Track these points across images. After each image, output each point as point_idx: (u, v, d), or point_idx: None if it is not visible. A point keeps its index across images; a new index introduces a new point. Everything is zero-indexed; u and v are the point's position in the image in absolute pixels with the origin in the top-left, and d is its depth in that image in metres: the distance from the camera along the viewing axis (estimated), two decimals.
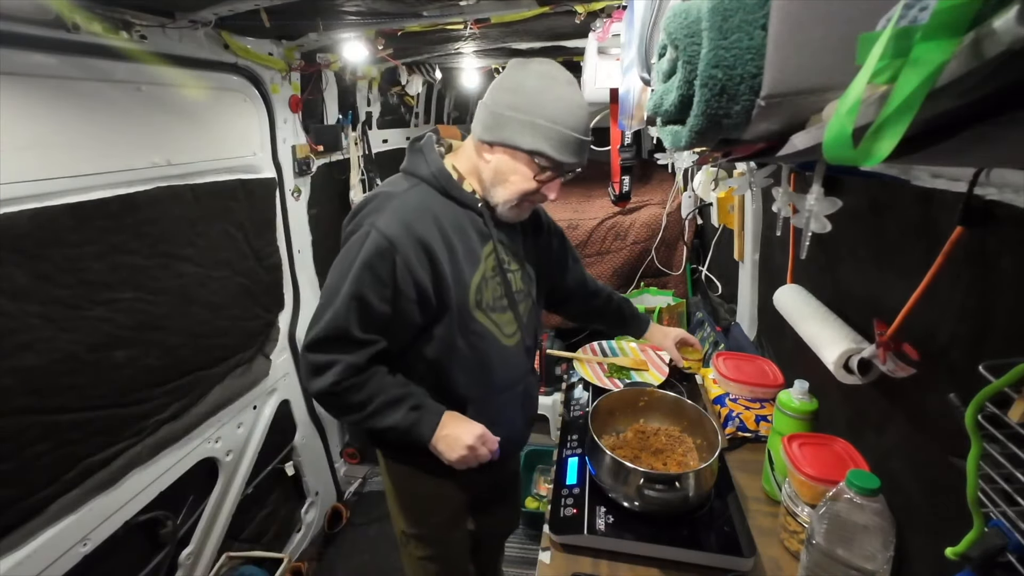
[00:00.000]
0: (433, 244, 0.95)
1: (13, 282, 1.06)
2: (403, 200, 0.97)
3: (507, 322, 1.08)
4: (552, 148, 0.95)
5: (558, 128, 0.94)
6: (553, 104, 0.94)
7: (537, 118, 0.93)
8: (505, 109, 0.95)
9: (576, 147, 0.97)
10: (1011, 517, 0.45)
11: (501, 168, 0.98)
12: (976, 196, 0.59)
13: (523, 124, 0.94)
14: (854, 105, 0.25)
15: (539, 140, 0.94)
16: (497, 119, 0.95)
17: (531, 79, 0.95)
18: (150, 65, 1.29)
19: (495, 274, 1.05)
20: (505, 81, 0.97)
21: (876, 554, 0.71)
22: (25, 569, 1.08)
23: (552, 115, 0.94)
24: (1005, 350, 0.60)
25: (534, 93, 0.94)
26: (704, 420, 1.10)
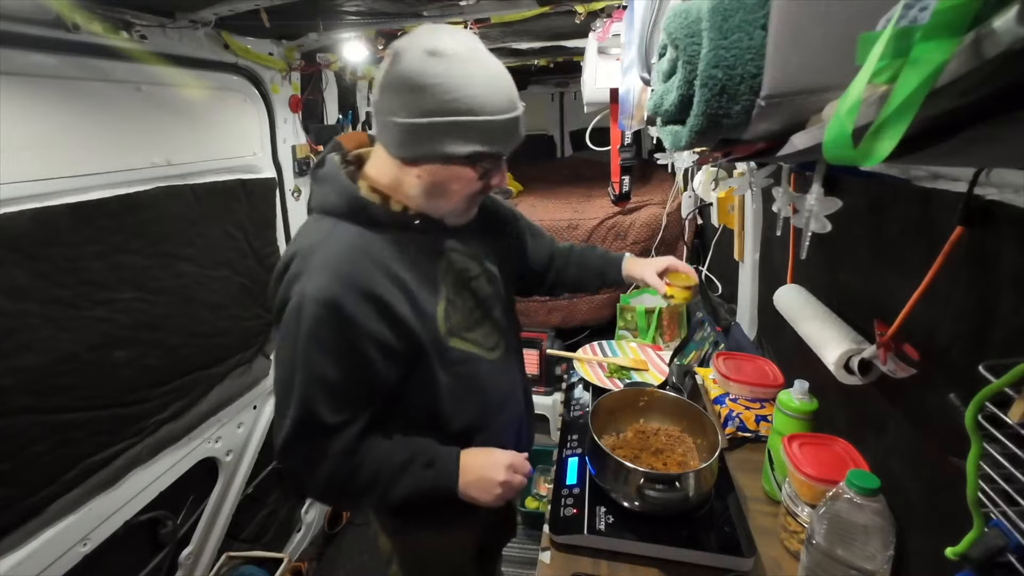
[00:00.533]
0: (379, 290, 0.81)
1: (13, 282, 1.06)
2: (326, 251, 0.81)
3: (486, 335, 0.98)
4: (489, 143, 0.80)
5: (487, 118, 0.77)
6: (469, 90, 0.76)
7: (459, 116, 0.76)
8: (416, 117, 0.77)
9: (513, 126, 0.82)
10: (1011, 517, 0.45)
11: (436, 182, 0.83)
12: (976, 196, 0.59)
13: (445, 130, 0.77)
14: (854, 105, 0.25)
15: (471, 142, 0.78)
16: (411, 133, 0.78)
17: (429, 68, 0.75)
18: (150, 65, 1.29)
19: (459, 290, 0.93)
20: (399, 79, 0.77)
21: (876, 554, 0.71)
22: (25, 569, 1.08)
23: (474, 104, 0.76)
24: (1005, 350, 0.60)
25: (441, 86, 0.75)
26: (704, 420, 1.10)
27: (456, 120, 0.77)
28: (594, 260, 1.26)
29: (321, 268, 0.79)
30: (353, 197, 0.85)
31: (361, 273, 0.80)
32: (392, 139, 0.81)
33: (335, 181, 0.86)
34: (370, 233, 0.85)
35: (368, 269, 0.81)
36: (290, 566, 1.76)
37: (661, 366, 1.60)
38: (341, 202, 0.85)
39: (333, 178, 0.87)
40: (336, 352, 0.79)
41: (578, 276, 1.26)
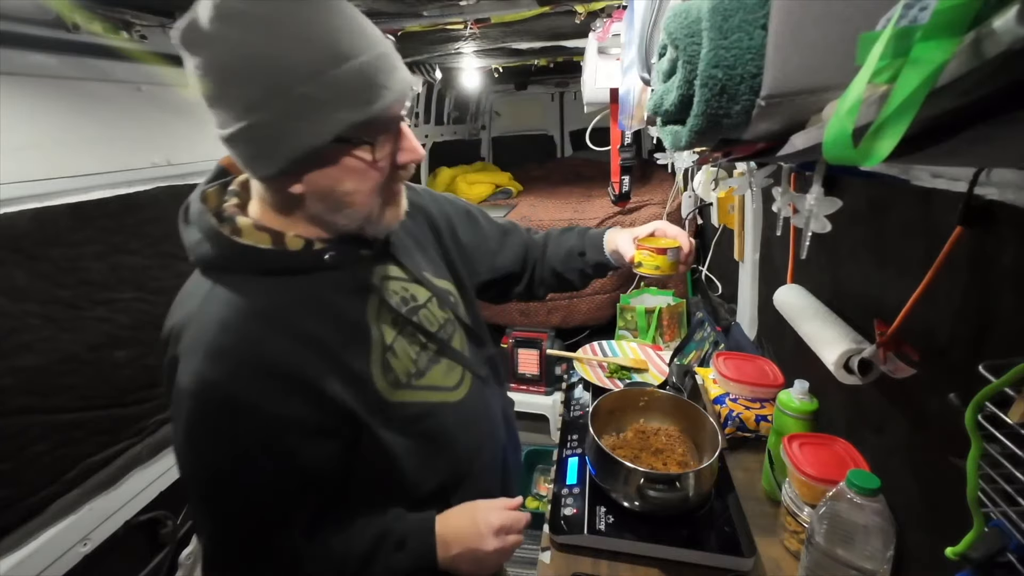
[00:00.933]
0: (282, 360, 0.62)
1: (13, 282, 1.06)
2: (202, 324, 0.61)
3: (445, 373, 0.80)
4: (355, 107, 0.57)
5: (331, 74, 0.55)
6: (286, 49, 0.54)
7: (300, 86, 0.54)
8: (243, 119, 0.56)
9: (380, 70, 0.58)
10: (1011, 517, 0.45)
11: (323, 190, 0.63)
12: (976, 196, 0.59)
13: (291, 114, 0.56)
14: (854, 105, 0.25)
15: (328, 116, 0.57)
16: (250, 143, 0.58)
17: (218, 42, 0.54)
18: (150, 65, 1.30)
19: (401, 329, 0.75)
20: (204, 78, 0.56)
21: (876, 554, 0.71)
22: (25, 569, 1.08)
23: (302, 65, 0.54)
24: (1005, 350, 0.60)
25: (249, 60, 0.54)
26: (704, 420, 1.10)
27: (303, 94, 0.55)
28: (571, 242, 1.03)
29: (197, 349, 0.60)
30: (227, 245, 0.64)
31: (252, 344, 0.61)
32: (241, 161, 0.61)
33: (201, 224, 0.66)
34: (265, 285, 0.65)
35: (262, 336, 0.62)
36: None
37: (661, 366, 1.60)
38: (215, 252, 0.64)
39: (199, 221, 0.66)
40: (241, 453, 0.62)
41: (555, 266, 1.03)
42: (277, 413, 0.62)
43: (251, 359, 0.61)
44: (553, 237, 1.07)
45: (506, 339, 2.54)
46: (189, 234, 0.67)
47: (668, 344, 2.33)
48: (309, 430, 0.65)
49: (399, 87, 0.61)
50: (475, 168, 3.70)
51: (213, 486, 0.64)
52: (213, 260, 0.65)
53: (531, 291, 1.08)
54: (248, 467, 0.63)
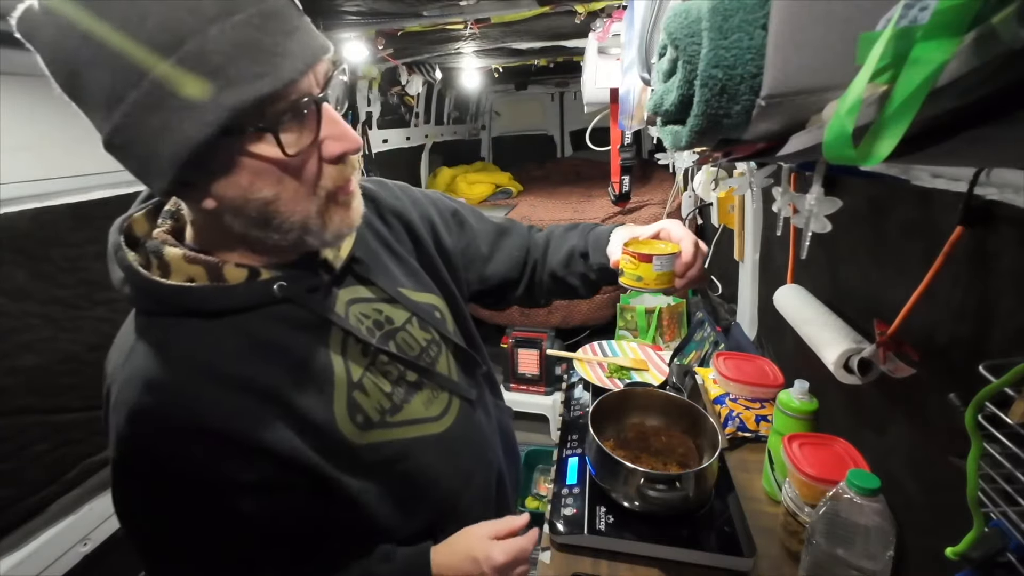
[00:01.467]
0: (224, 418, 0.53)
1: (14, 282, 1.06)
2: (133, 376, 0.53)
3: (425, 402, 0.70)
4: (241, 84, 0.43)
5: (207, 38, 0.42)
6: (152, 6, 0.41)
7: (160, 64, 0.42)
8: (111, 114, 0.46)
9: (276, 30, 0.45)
10: (1011, 517, 0.45)
11: (236, 204, 0.50)
12: (976, 196, 0.59)
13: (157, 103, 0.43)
14: (854, 105, 0.25)
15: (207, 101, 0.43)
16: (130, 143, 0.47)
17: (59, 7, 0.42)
18: None
19: (372, 361, 0.65)
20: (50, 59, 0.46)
21: (876, 554, 0.71)
22: (25, 569, 1.08)
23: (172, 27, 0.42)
24: (1005, 350, 0.60)
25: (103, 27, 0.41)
26: (704, 420, 1.10)
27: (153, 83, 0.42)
28: (572, 242, 0.88)
29: (121, 409, 0.52)
30: (150, 288, 0.54)
31: (180, 404, 0.52)
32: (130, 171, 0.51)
33: (119, 262, 0.55)
34: (201, 328, 0.55)
35: (194, 391, 0.53)
36: None
37: (661, 366, 1.60)
38: (139, 295, 0.55)
39: (114, 257, 0.56)
40: (180, 521, 0.55)
41: (555, 269, 0.90)
42: (213, 478, 0.54)
43: (179, 420, 0.52)
44: (555, 236, 0.93)
45: (506, 339, 2.54)
46: (113, 272, 0.56)
47: (668, 344, 2.33)
48: (254, 490, 0.55)
49: (302, 53, 0.46)
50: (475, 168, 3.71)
51: (157, 557, 0.58)
52: (139, 303, 0.57)
53: (532, 297, 0.95)
54: (191, 535, 0.56)
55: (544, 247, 0.93)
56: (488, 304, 0.97)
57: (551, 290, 0.94)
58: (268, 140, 0.47)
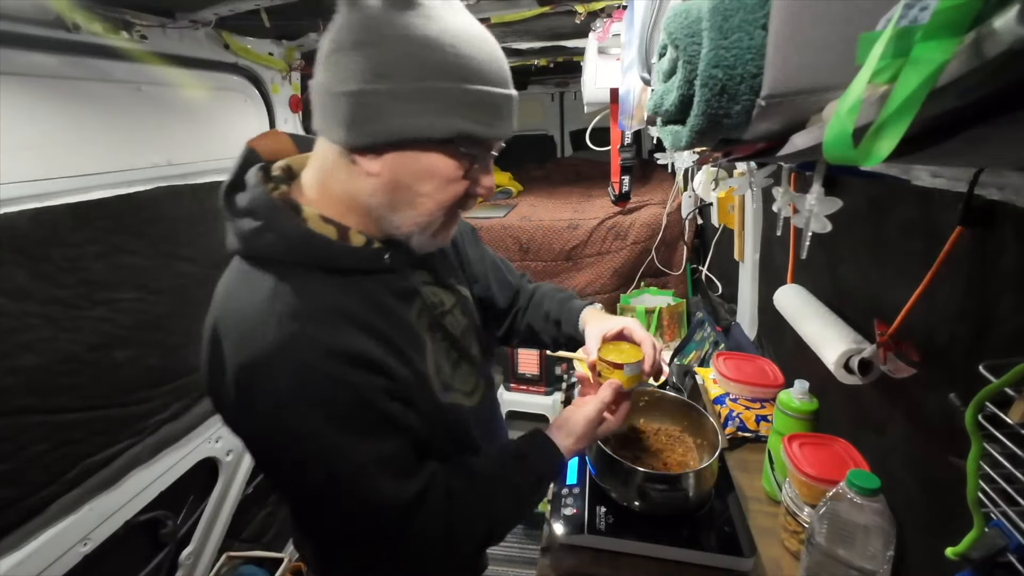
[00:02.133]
0: (367, 349, 0.62)
1: (14, 282, 1.06)
2: (283, 319, 0.58)
3: (464, 378, 0.80)
4: (478, 122, 0.59)
5: (479, 88, 0.58)
6: (453, 46, 0.56)
7: (439, 81, 0.56)
8: (371, 82, 0.55)
9: (511, 107, 0.63)
10: (1012, 517, 0.45)
11: (402, 181, 0.61)
12: (976, 196, 0.59)
13: (419, 97, 0.56)
14: (854, 105, 0.25)
15: (454, 115, 0.57)
16: (364, 105, 0.56)
17: (395, 15, 0.55)
18: (150, 65, 1.30)
19: (434, 333, 0.75)
20: (350, 34, 0.56)
21: (877, 554, 0.71)
22: (25, 569, 1.08)
23: (460, 65, 0.56)
24: (1005, 350, 0.60)
25: (412, 37, 0.54)
26: (704, 420, 1.10)
27: (437, 87, 0.55)
28: (551, 306, 1.00)
29: (287, 345, 0.57)
30: (303, 237, 0.62)
31: (339, 336, 0.60)
32: (338, 120, 0.58)
33: (270, 215, 0.62)
34: (329, 280, 0.63)
35: (345, 329, 0.61)
36: (290, 566, 1.76)
37: (661, 366, 1.60)
38: (285, 245, 0.62)
39: (266, 210, 0.62)
40: (364, 430, 0.62)
41: (532, 323, 1.02)
42: (372, 394, 0.62)
43: (342, 349, 0.60)
44: (541, 293, 1.04)
45: None
46: (242, 224, 0.63)
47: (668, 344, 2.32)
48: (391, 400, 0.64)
49: (510, 128, 0.65)
50: None
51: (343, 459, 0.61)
52: (278, 252, 0.62)
53: (507, 337, 1.05)
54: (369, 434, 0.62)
55: (529, 298, 1.05)
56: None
57: (525, 338, 1.05)
58: (462, 159, 0.62)
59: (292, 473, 0.63)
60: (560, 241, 2.58)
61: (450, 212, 0.67)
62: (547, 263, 2.63)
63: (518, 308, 1.04)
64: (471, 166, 0.64)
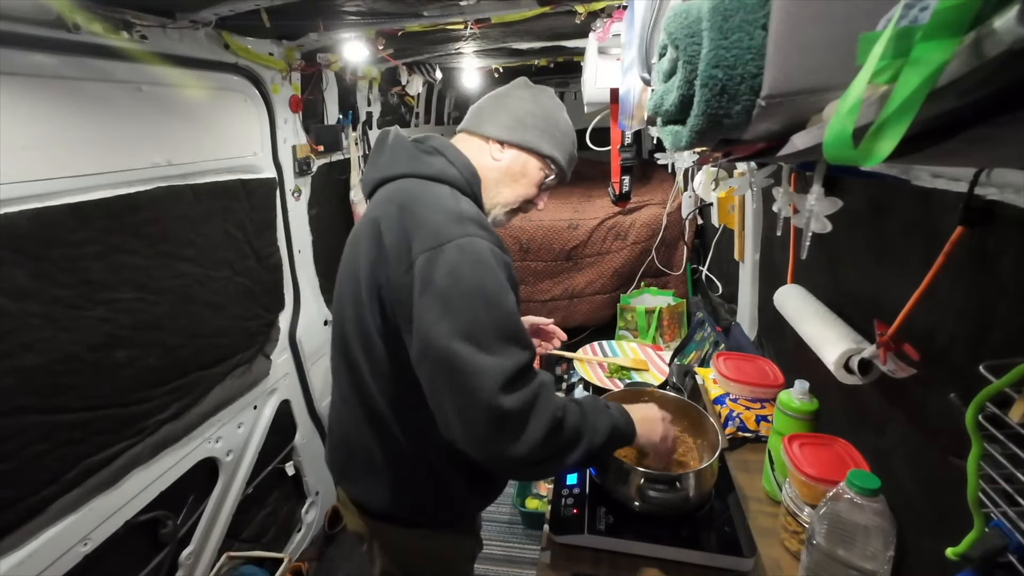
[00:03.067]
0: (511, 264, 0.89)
1: (14, 282, 1.06)
2: (469, 211, 0.87)
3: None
4: (563, 157, 1.02)
5: (569, 141, 1.03)
6: (563, 121, 1.04)
7: (555, 130, 1.01)
8: (526, 116, 1.00)
9: (573, 162, 1.07)
10: (1012, 517, 0.45)
11: (513, 168, 0.99)
12: (977, 196, 0.59)
13: (543, 131, 1.00)
14: (855, 105, 0.25)
15: (556, 148, 1.01)
16: (519, 122, 0.99)
17: (543, 98, 1.03)
18: (151, 65, 1.29)
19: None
20: (520, 94, 1.03)
21: (877, 554, 0.71)
22: (26, 569, 1.08)
23: (564, 129, 1.03)
24: (1006, 350, 0.60)
25: (549, 109, 1.03)
26: (704, 420, 1.10)
27: (552, 131, 1.01)
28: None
29: (476, 223, 0.83)
30: (473, 174, 0.96)
31: (499, 239, 0.86)
32: (500, 122, 0.99)
33: (456, 157, 0.95)
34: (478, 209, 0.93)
35: (498, 241, 0.86)
36: (290, 566, 1.76)
37: (661, 366, 1.60)
38: (462, 176, 0.93)
39: (453, 153, 0.95)
40: (514, 297, 0.82)
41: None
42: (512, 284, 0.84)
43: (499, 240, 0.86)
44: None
45: None
46: (435, 160, 0.94)
47: (668, 344, 2.33)
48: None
49: (568, 172, 1.07)
50: None
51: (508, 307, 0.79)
52: (454, 179, 0.93)
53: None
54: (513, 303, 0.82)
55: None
56: None
57: None
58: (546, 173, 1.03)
59: (468, 304, 0.76)
60: (560, 241, 2.58)
61: (520, 206, 1.04)
62: (547, 263, 2.63)
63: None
64: (544, 181, 1.03)
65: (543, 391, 0.78)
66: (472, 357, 0.75)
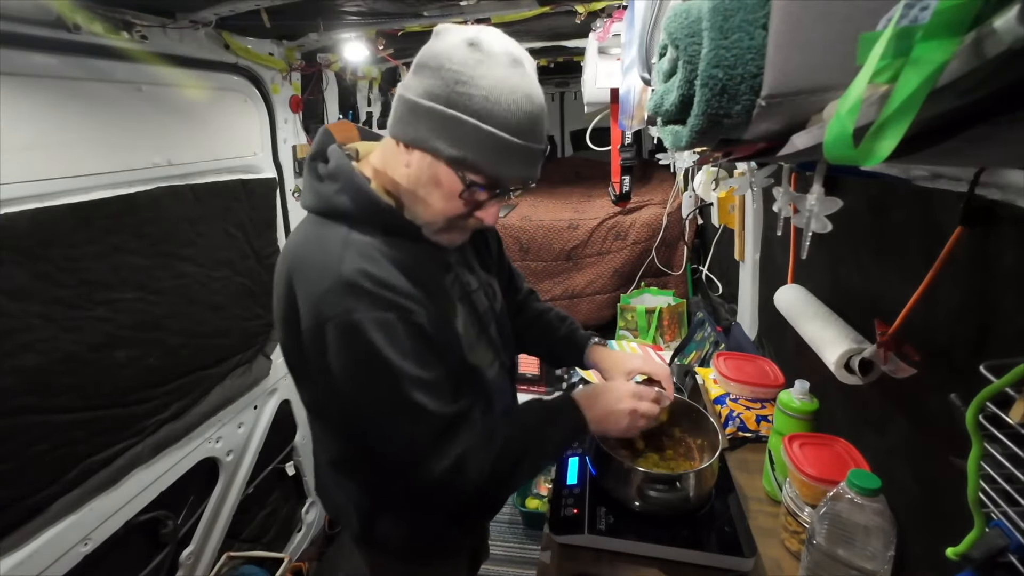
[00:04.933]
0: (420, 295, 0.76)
1: (14, 282, 1.06)
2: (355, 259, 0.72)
3: (484, 350, 0.91)
4: (483, 158, 0.69)
5: (491, 131, 0.67)
6: (488, 93, 0.66)
7: (462, 113, 0.67)
8: (422, 96, 0.68)
9: (522, 158, 0.71)
10: (1012, 517, 0.44)
11: (419, 178, 0.74)
12: (977, 196, 0.59)
13: (443, 120, 0.68)
14: (855, 105, 0.25)
15: (463, 145, 0.68)
16: (412, 109, 0.70)
17: (457, 53, 0.67)
18: (151, 65, 1.30)
19: (463, 304, 0.87)
20: (425, 56, 0.70)
21: (877, 554, 0.71)
22: (26, 569, 1.08)
23: (485, 110, 0.67)
24: (1006, 350, 0.60)
25: (459, 74, 0.66)
26: (704, 420, 1.10)
27: (458, 117, 0.67)
28: (561, 332, 1.13)
29: (359, 279, 0.70)
30: (372, 202, 0.76)
31: (399, 281, 0.74)
32: (396, 112, 0.74)
33: (348, 181, 0.76)
34: (385, 238, 0.77)
35: (402, 278, 0.74)
36: (291, 566, 1.76)
37: None
38: (356, 207, 0.76)
39: (346, 177, 0.76)
40: (414, 352, 0.73)
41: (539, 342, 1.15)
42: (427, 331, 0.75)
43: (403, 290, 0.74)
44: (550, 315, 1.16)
45: None
46: (323, 187, 0.78)
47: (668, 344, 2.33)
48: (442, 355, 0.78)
49: (526, 174, 0.75)
50: None
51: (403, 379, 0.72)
52: (349, 212, 0.76)
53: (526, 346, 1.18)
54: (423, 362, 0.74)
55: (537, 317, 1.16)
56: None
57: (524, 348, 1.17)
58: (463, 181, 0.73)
59: (360, 387, 0.73)
60: (560, 241, 2.58)
61: (450, 224, 0.79)
62: (547, 263, 2.63)
63: (524, 323, 1.14)
64: (473, 193, 0.74)
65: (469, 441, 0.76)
66: (383, 435, 0.76)
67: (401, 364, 0.71)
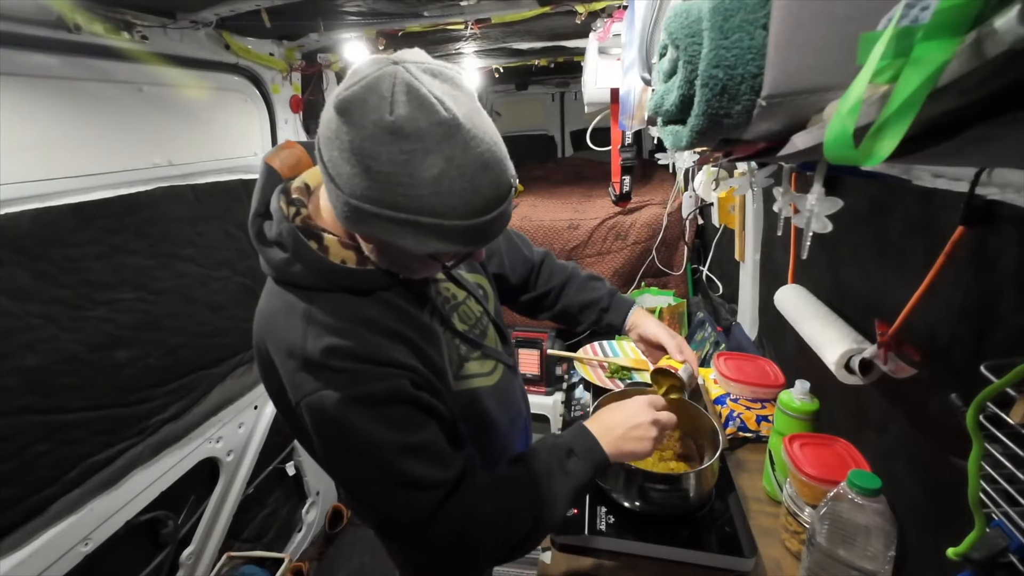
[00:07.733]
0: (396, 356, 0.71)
1: (15, 282, 1.06)
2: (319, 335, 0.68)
3: (481, 363, 0.88)
4: (453, 243, 0.63)
5: (455, 224, 0.61)
6: (436, 188, 0.58)
7: (415, 215, 0.60)
8: (364, 201, 0.60)
9: (492, 223, 0.64)
10: (1013, 518, 0.44)
11: (386, 255, 0.70)
12: (977, 196, 0.59)
13: (400, 223, 0.61)
14: (855, 105, 0.25)
15: (430, 241, 0.62)
16: (357, 211, 0.61)
17: (382, 150, 0.57)
18: (151, 65, 1.30)
19: (446, 328, 0.83)
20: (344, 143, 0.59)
21: (877, 554, 0.71)
22: (26, 569, 1.08)
23: (441, 205, 0.59)
24: (1007, 350, 0.60)
25: (396, 177, 0.57)
26: (704, 420, 1.10)
27: (410, 219, 0.60)
28: (599, 294, 1.10)
29: (325, 359, 0.67)
30: (328, 271, 0.70)
31: (370, 347, 0.69)
32: (335, 205, 0.64)
33: (297, 248, 0.69)
34: (355, 299, 0.72)
35: (373, 340, 0.70)
36: (291, 566, 1.76)
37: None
38: (312, 277, 0.70)
39: (293, 243, 0.69)
40: (399, 418, 0.69)
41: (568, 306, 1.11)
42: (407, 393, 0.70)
43: (375, 357, 0.69)
44: (579, 277, 1.13)
45: None
46: (272, 253, 0.71)
47: None
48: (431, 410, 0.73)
49: (494, 235, 0.68)
50: None
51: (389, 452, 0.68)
52: (304, 279, 0.70)
53: (532, 311, 1.17)
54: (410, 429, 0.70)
55: (565, 280, 1.13)
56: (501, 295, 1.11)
57: (557, 315, 1.14)
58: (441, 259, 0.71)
59: (344, 463, 0.73)
60: (561, 241, 2.58)
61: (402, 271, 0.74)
62: None
63: (550, 288, 1.12)
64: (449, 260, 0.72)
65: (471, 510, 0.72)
66: (380, 510, 0.75)
67: (382, 436, 0.67)
